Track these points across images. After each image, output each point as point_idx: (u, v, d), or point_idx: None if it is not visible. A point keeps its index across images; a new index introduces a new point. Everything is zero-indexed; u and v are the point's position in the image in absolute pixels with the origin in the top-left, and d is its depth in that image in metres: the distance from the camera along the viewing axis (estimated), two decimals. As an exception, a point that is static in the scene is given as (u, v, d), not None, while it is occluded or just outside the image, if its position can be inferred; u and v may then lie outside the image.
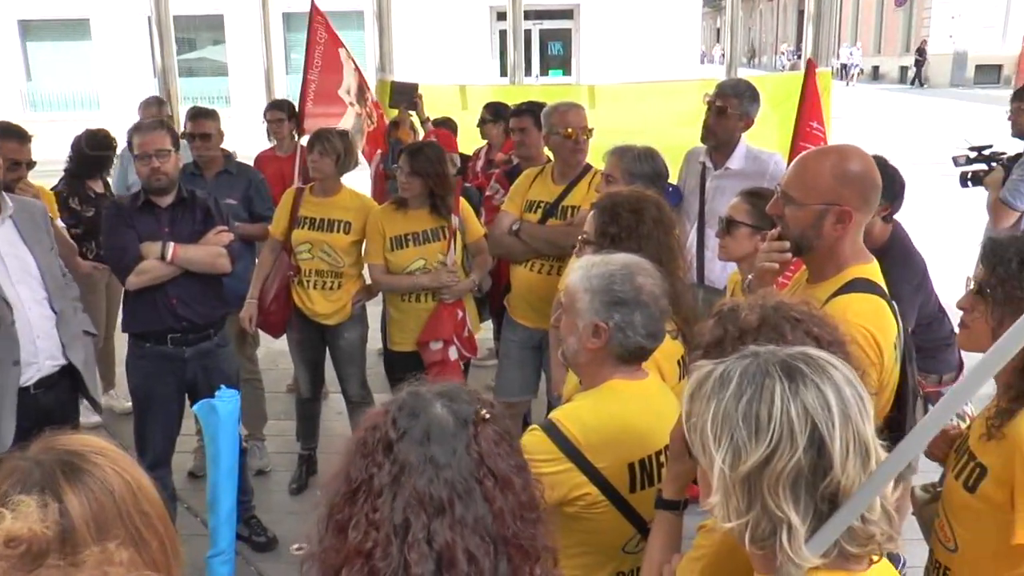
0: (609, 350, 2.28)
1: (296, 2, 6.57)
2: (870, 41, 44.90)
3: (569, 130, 4.38)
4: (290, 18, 21.26)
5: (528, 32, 21.67)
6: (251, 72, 15.39)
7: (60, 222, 5.08)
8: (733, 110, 4.27)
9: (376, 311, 5.08)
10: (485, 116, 6.47)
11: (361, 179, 6.05)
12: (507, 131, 5.73)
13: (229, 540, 2.98)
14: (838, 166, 2.36)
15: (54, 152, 6.10)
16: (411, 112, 6.52)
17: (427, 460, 1.43)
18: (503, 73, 19.88)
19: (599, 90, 7.02)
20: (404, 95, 6.61)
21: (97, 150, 5.77)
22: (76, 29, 25.50)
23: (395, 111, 6.51)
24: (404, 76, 7.45)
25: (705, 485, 1.45)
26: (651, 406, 2.29)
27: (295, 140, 6.26)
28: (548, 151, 4.76)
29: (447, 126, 6.64)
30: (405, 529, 1.39)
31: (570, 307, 2.33)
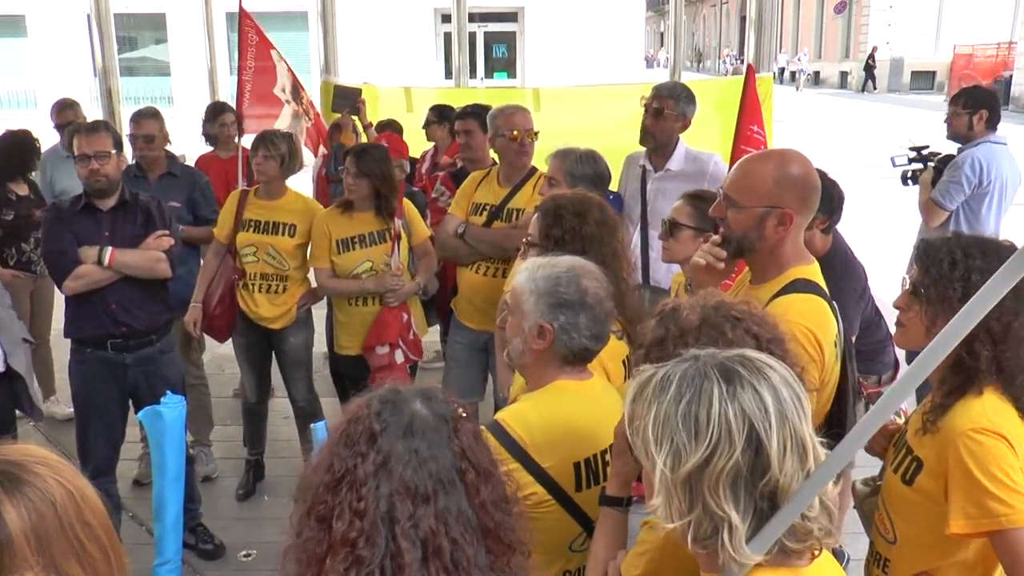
0: (554, 351, 2.29)
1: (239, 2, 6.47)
2: (812, 47, 45.80)
3: (515, 132, 4.39)
4: (234, 18, 20.81)
5: (473, 34, 21.62)
6: (194, 72, 15.16)
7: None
8: (670, 111, 4.33)
9: (321, 314, 5.05)
10: (430, 118, 6.46)
11: (303, 182, 6.00)
12: (452, 133, 5.73)
13: (176, 548, 2.95)
14: (779, 169, 2.42)
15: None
16: (354, 116, 6.49)
17: (411, 452, 1.44)
18: (448, 75, 19.86)
19: (544, 93, 7.07)
20: (346, 99, 6.58)
21: (17, 151, 5.60)
22: (11, 25, 24.85)
23: (336, 114, 6.47)
24: (349, 77, 7.41)
25: (648, 487, 1.47)
26: (596, 406, 2.30)
27: (237, 142, 6.19)
28: (494, 153, 4.78)
29: (392, 128, 6.59)
30: (391, 518, 1.40)
31: (516, 308, 2.34)
